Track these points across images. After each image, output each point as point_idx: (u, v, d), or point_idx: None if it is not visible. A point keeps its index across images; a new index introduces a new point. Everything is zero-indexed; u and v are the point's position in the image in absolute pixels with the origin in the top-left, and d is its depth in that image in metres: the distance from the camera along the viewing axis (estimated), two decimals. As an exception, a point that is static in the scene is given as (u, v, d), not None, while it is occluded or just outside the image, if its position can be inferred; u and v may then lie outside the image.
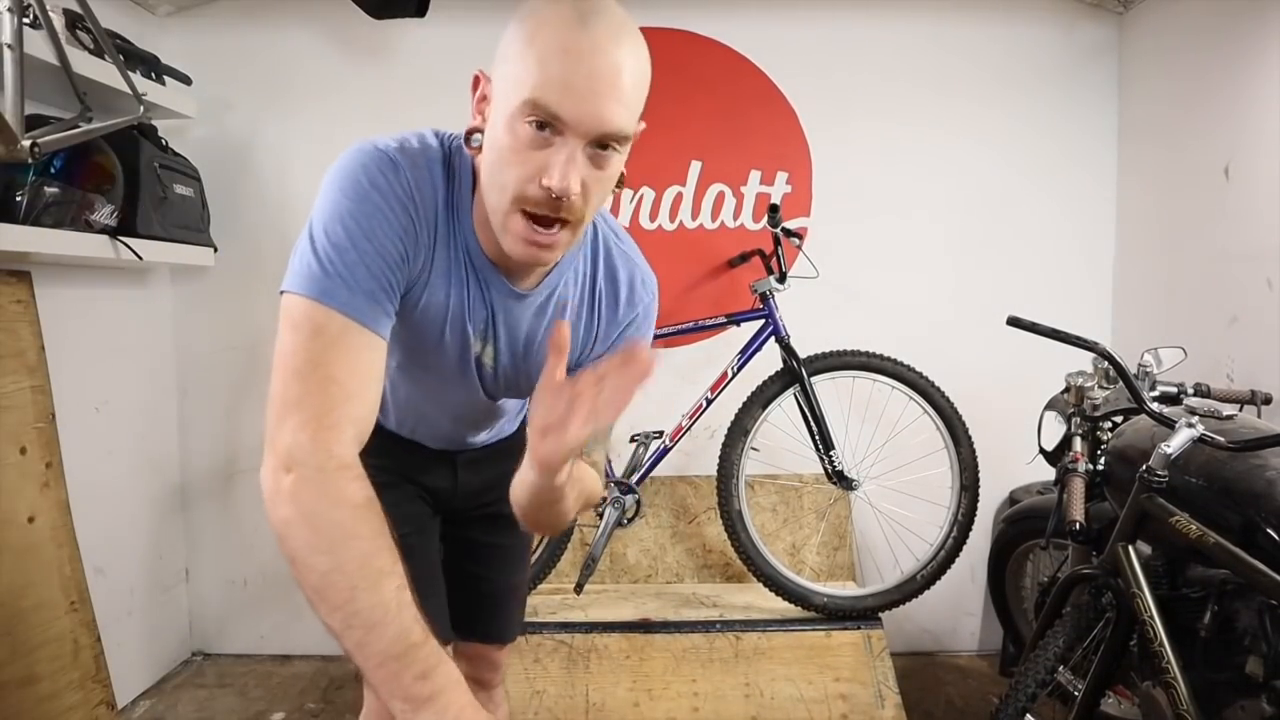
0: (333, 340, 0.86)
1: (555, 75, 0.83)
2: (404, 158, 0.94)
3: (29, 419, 1.98)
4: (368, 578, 0.80)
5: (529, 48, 0.85)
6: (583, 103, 0.84)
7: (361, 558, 0.81)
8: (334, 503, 0.82)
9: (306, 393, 0.84)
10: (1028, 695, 1.51)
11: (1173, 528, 1.39)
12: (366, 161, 0.92)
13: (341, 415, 0.85)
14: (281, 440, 0.83)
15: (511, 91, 0.86)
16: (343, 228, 0.89)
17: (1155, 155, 2.55)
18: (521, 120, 0.85)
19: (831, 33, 2.70)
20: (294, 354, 0.85)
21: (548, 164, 0.85)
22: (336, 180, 0.92)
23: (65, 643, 1.99)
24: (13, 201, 1.86)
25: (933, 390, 2.31)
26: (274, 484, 0.82)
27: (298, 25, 2.71)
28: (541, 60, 0.84)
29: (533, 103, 0.84)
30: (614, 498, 2.32)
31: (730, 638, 2.26)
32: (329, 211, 0.90)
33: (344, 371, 0.86)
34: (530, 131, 0.85)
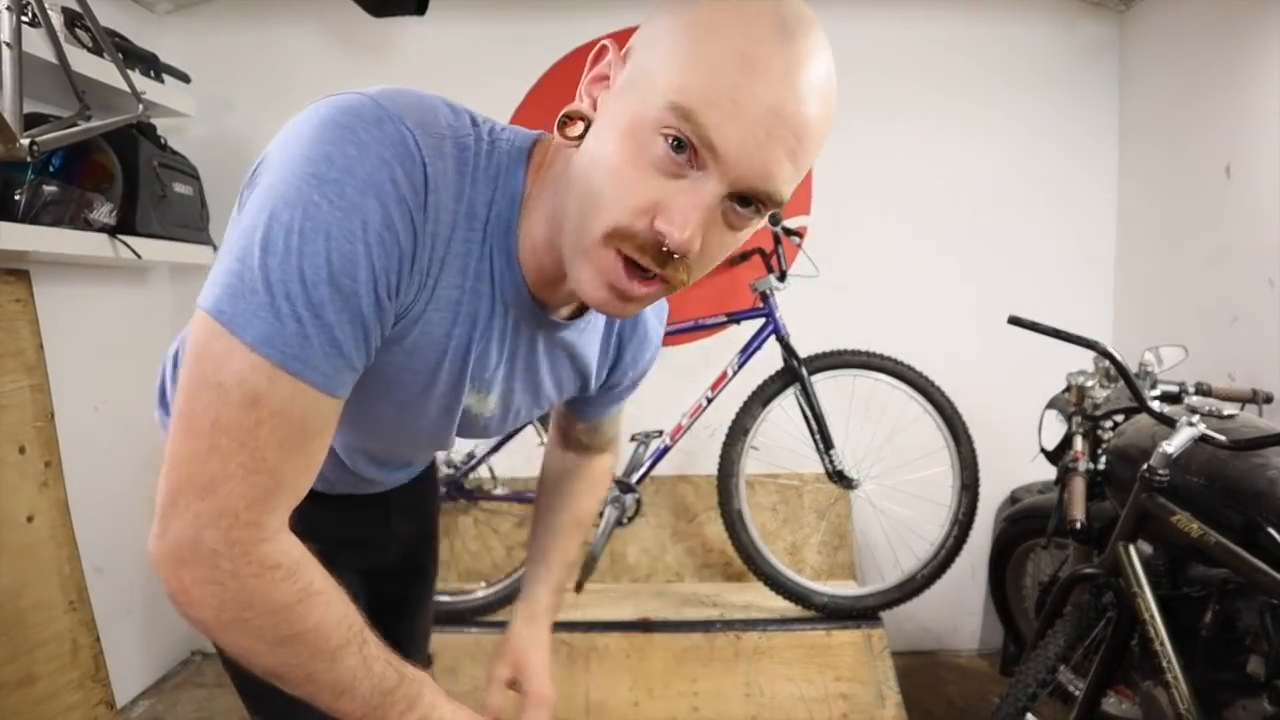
0: (274, 412, 0.62)
1: (726, 88, 0.60)
2: (426, 141, 0.66)
3: (28, 418, 1.97)
4: (322, 660, 0.70)
5: (697, 38, 0.62)
6: (751, 139, 0.61)
7: (310, 649, 0.69)
8: (260, 612, 0.65)
9: (225, 475, 0.62)
10: (1028, 695, 1.51)
11: (1174, 527, 1.38)
12: (368, 138, 0.64)
13: (268, 506, 0.64)
14: (177, 529, 0.63)
15: (653, 88, 0.63)
16: (321, 243, 0.60)
17: (1156, 154, 2.55)
18: (656, 131, 0.62)
19: (832, 31, 2.63)
20: (216, 418, 0.61)
21: (672, 202, 0.62)
22: (317, 154, 0.62)
23: (64, 642, 1.99)
24: (11, 200, 1.85)
25: (933, 389, 2.30)
26: (174, 580, 0.65)
27: (297, 23, 2.71)
28: (711, 60, 0.61)
29: (683, 112, 0.61)
30: (614, 497, 2.32)
31: (730, 637, 2.26)
32: (296, 208, 0.60)
33: (280, 454, 0.63)
34: (664, 150, 0.62)
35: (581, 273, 0.67)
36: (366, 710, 0.73)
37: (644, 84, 0.64)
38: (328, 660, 0.70)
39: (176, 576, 0.65)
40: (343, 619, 0.71)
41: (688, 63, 0.61)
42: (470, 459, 2.34)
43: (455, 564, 2.64)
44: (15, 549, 1.89)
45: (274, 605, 0.66)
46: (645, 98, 0.63)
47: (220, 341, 0.60)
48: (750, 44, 0.61)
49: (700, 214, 0.62)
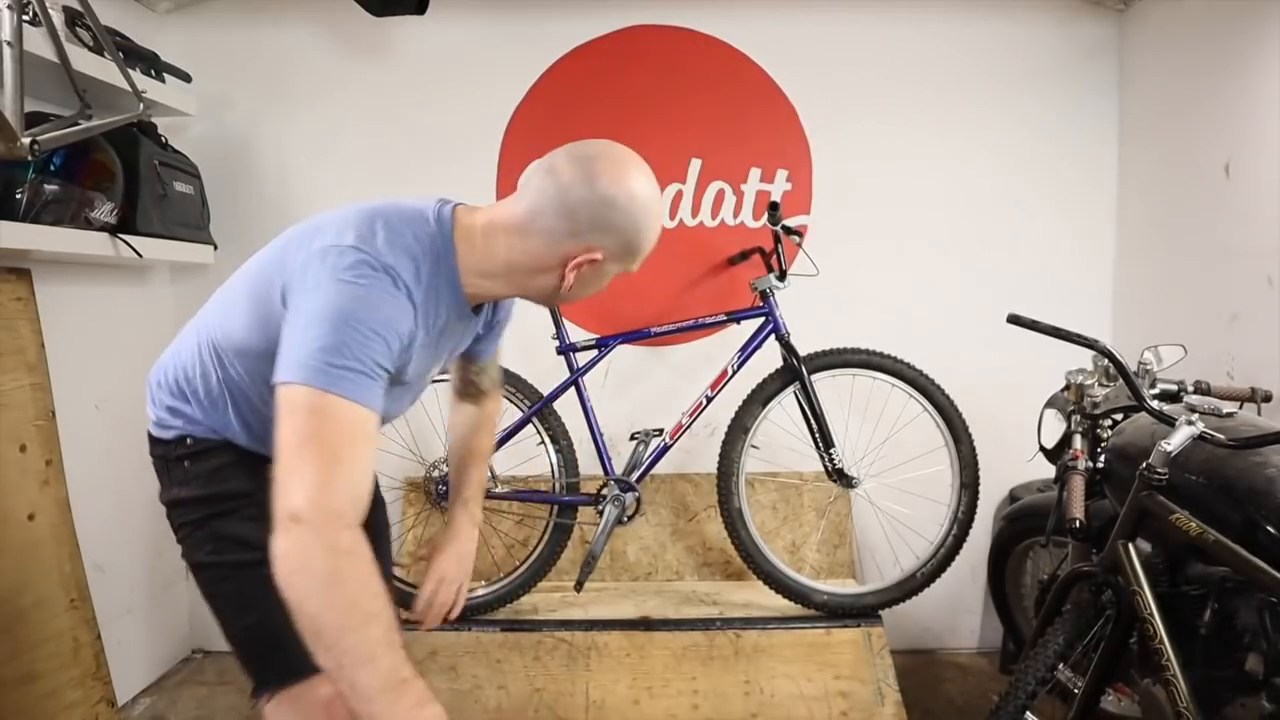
0: (349, 423, 1.00)
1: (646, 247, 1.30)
2: (403, 265, 1.10)
3: (29, 416, 1.98)
4: (354, 618, 0.93)
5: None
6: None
7: (348, 601, 0.93)
8: (325, 549, 0.93)
9: (307, 463, 0.97)
10: (1027, 693, 1.51)
11: (1173, 525, 1.39)
12: (371, 284, 1.06)
13: (336, 475, 0.98)
14: (290, 501, 0.95)
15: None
16: (352, 329, 1.02)
17: (1155, 153, 2.55)
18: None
19: (832, 31, 2.70)
20: (317, 430, 0.98)
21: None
22: (348, 296, 1.04)
23: (65, 640, 1.99)
24: (12, 199, 1.86)
25: (933, 388, 2.31)
26: (283, 540, 0.94)
27: (298, 22, 2.71)
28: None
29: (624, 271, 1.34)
30: (614, 495, 2.32)
31: (730, 635, 2.26)
32: (339, 316, 1.02)
33: (343, 445, 1.00)
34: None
35: (540, 305, 1.36)
36: (384, 688, 0.93)
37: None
38: (360, 620, 0.93)
39: (286, 536, 0.94)
40: (379, 593, 0.96)
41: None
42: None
43: (455, 562, 2.65)
44: (16, 547, 1.89)
45: (335, 546, 0.94)
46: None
47: (303, 392, 1.00)
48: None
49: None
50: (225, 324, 1.23)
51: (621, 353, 2.58)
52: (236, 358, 1.22)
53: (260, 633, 1.23)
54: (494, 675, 2.24)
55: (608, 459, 2.37)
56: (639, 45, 2.71)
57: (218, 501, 1.30)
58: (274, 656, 1.23)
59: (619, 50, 2.71)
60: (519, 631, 2.29)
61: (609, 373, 2.73)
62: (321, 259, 1.07)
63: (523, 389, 2.35)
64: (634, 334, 2.40)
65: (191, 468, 1.31)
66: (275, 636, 1.11)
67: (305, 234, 1.15)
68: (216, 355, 1.24)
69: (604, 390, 2.71)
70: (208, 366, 1.26)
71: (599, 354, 2.38)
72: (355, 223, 1.12)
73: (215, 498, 1.30)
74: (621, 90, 2.70)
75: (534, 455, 2.41)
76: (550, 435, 2.36)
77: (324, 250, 1.08)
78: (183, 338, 1.32)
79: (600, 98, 2.70)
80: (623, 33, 2.71)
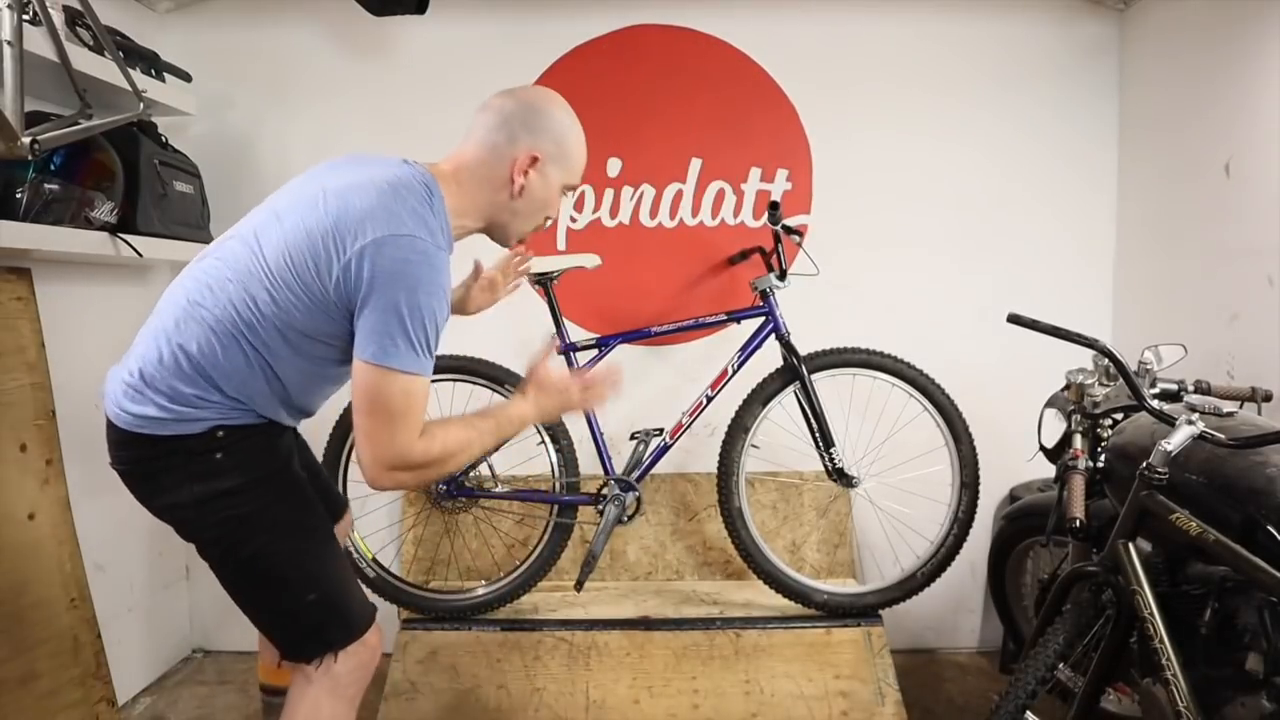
0: (416, 392, 1.30)
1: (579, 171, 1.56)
2: (439, 240, 1.33)
3: (29, 416, 1.98)
4: (468, 453, 1.42)
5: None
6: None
7: (458, 455, 1.40)
8: (428, 454, 1.34)
9: (400, 430, 1.30)
10: (1028, 692, 1.51)
11: (1173, 525, 1.39)
12: (435, 264, 1.30)
13: (414, 436, 1.32)
14: (385, 456, 1.29)
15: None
16: (427, 317, 1.28)
17: (1156, 152, 2.55)
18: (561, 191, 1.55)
19: (833, 30, 2.70)
20: (396, 401, 1.28)
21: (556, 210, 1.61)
22: (422, 280, 1.27)
23: (65, 640, 1.99)
24: (13, 198, 1.86)
25: (933, 387, 2.31)
26: (388, 479, 1.32)
27: (298, 22, 2.71)
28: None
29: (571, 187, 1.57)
30: (614, 495, 2.32)
31: (730, 635, 2.26)
32: (419, 307, 1.26)
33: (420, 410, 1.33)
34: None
35: (512, 243, 1.58)
36: (489, 445, 1.48)
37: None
38: (469, 452, 1.43)
39: (392, 476, 1.32)
40: (462, 429, 1.41)
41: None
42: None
43: (456, 562, 2.65)
44: (16, 547, 1.89)
45: (429, 454, 1.34)
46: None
47: (388, 374, 1.27)
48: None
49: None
50: (259, 304, 1.31)
51: (622, 352, 2.58)
52: (284, 330, 1.32)
53: (324, 603, 1.40)
54: (494, 675, 2.24)
55: (608, 458, 2.37)
56: (639, 45, 2.71)
57: (264, 485, 1.38)
58: (336, 621, 1.41)
59: (619, 50, 2.71)
60: (519, 631, 2.29)
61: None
62: (380, 250, 1.25)
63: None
64: (634, 333, 2.40)
65: (225, 459, 1.34)
66: (336, 603, 1.41)
67: (327, 228, 1.27)
68: (244, 331, 1.31)
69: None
70: (232, 345, 1.31)
71: (599, 353, 2.38)
72: (390, 206, 1.28)
73: (260, 481, 1.38)
74: (622, 90, 2.70)
75: (534, 455, 2.41)
76: (550, 435, 2.36)
77: (379, 242, 1.25)
78: (199, 322, 1.32)
79: (600, 97, 2.70)
80: (623, 32, 2.71)
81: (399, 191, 1.30)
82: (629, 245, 2.73)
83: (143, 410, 1.33)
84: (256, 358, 1.33)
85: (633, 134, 2.71)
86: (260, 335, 1.32)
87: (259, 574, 1.38)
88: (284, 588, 1.39)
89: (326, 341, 1.35)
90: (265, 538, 1.36)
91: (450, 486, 2.35)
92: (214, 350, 1.31)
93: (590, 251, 2.42)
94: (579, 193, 2.72)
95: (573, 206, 2.73)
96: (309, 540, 1.41)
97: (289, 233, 1.30)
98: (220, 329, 1.31)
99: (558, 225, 2.73)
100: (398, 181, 1.32)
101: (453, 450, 1.36)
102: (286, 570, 1.39)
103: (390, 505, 2.70)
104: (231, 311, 1.31)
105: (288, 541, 1.38)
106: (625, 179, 2.72)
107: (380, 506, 2.64)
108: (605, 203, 2.73)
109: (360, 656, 1.43)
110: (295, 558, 1.39)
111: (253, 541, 1.36)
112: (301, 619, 1.39)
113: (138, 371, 1.34)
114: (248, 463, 1.36)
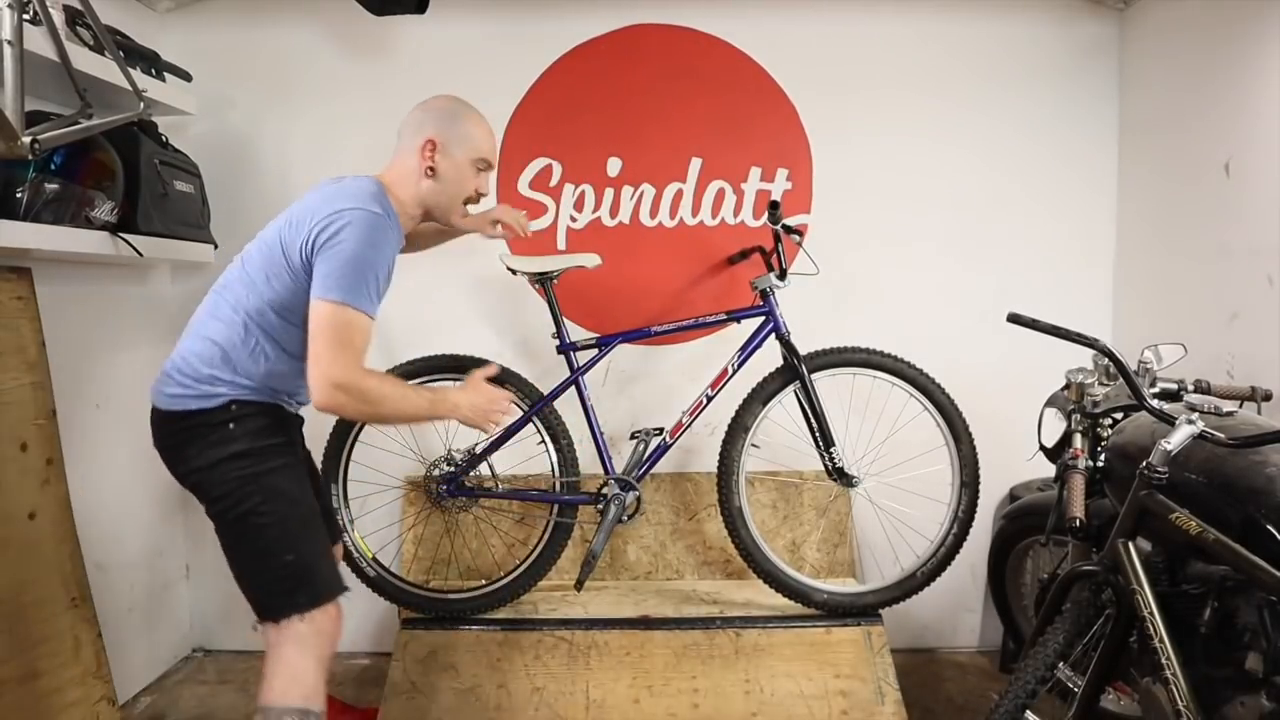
0: (361, 328, 1.57)
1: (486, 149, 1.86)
2: (388, 217, 1.64)
3: (29, 415, 1.98)
4: (391, 405, 1.62)
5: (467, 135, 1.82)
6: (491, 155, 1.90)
7: (389, 412, 1.64)
8: (368, 386, 1.57)
9: (347, 357, 1.55)
10: (1027, 692, 1.51)
11: (1173, 524, 1.39)
12: (378, 226, 1.60)
13: (359, 364, 1.57)
14: (334, 377, 1.52)
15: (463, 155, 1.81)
16: (371, 266, 1.57)
17: (1156, 151, 2.55)
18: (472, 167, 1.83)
19: (833, 30, 2.70)
20: (342, 331, 1.55)
21: (481, 185, 1.87)
22: (366, 236, 1.57)
23: (66, 639, 1.99)
24: (13, 198, 1.86)
25: (933, 387, 2.31)
26: (330, 396, 1.53)
27: (298, 22, 2.71)
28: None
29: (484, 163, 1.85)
30: (614, 494, 2.32)
31: (730, 634, 2.27)
32: (365, 258, 1.56)
33: (363, 344, 1.59)
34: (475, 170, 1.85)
35: (455, 219, 1.88)
36: (420, 410, 1.70)
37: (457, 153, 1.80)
38: (393, 411, 1.64)
39: (333, 396, 1.53)
40: (401, 385, 1.69)
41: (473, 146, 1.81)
42: (471, 457, 2.35)
43: (456, 561, 2.65)
44: (17, 546, 1.89)
45: (371, 381, 1.59)
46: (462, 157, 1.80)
47: (338, 309, 1.55)
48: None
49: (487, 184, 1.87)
50: (255, 291, 1.64)
51: (622, 352, 2.58)
52: (272, 313, 1.64)
53: (297, 566, 1.62)
54: (494, 674, 2.25)
55: (608, 458, 2.37)
56: (639, 44, 2.71)
57: (267, 453, 1.64)
58: (307, 586, 1.61)
59: (619, 49, 2.71)
60: (519, 630, 2.29)
61: (609, 372, 2.73)
62: (333, 218, 1.58)
63: (523, 388, 2.35)
64: (634, 333, 2.40)
65: (237, 428, 1.63)
66: (308, 569, 1.62)
67: (299, 217, 1.64)
68: (252, 318, 1.64)
69: (604, 389, 2.72)
70: (248, 332, 1.64)
71: (599, 353, 2.38)
72: (340, 192, 1.64)
73: (265, 450, 1.64)
74: (622, 89, 2.70)
75: (534, 454, 2.41)
76: (550, 434, 2.36)
77: (332, 214, 1.58)
78: (216, 319, 1.67)
79: (600, 97, 2.70)
80: (623, 31, 2.71)
81: (347, 185, 1.67)
82: (629, 245, 2.73)
83: (174, 391, 1.63)
84: (259, 340, 1.65)
85: (633, 133, 2.71)
86: (267, 319, 1.64)
87: (250, 530, 1.61)
88: (266, 546, 1.61)
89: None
90: (259, 499, 1.60)
91: (450, 486, 2.35)
92: (230, 337, 1.63)
93: (590, 251, 2.42)
94: (579, 191, 2.72)
95: (573, 206, 2.73)
96: (295, 509, 1.65)
97: (274, 228, 1.70)
98: (236, 317, 1.64)
99: (558, 225, 2.73)
100: (346, 180, 1.70)
101: (388, 394, 1.60)
102: (271, 530, 1.61)
103: (391, 505, 2.70)
104: (244, 299, 1.65)
105: (277, 506, 1.62)
106: (625, 178, 2.72)
107: (381, 506, 2.64)
108: (605, 202, 2.73)
109: (322, 623, 1.60)
110: (281, 522, 1.62)
111: (249, 500, 1.60)
112: (277, 578, 1.61)
113: (175, 359, 1.66)
114: (255, 432, 1.64)
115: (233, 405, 1.63)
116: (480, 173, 1.82)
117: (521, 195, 2.72)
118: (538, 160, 2.71)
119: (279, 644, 1.60)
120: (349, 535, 2.34)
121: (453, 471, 2.35)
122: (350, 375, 1.53)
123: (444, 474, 2.35)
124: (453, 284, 2.72)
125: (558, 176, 2.72)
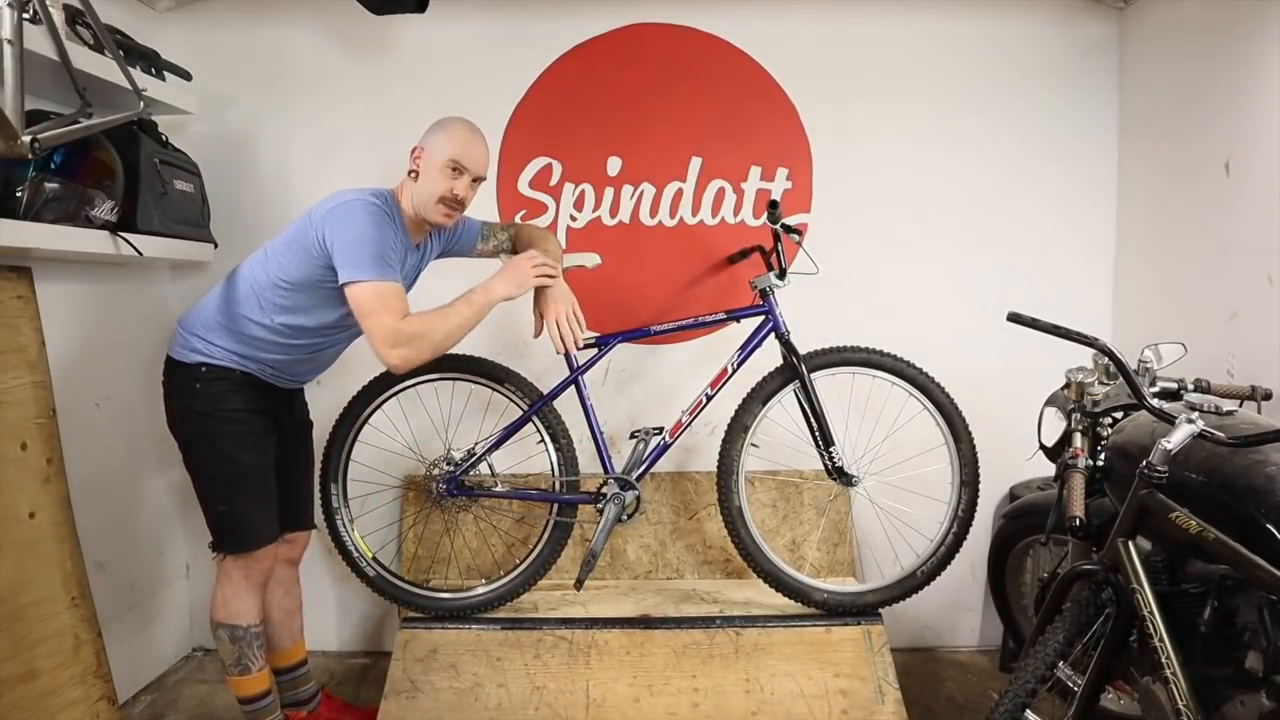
0: (390, 292, 1.83)
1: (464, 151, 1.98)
2: (389, 208, 1.92)
3: (30, 414, 1.98)
4: (443, 330, 1.91)
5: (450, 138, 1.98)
6: (475, 163, 1.98)
7: (444, 333, 1.91)
8: (413, 329, 1.85)
9: (392, 316, 1.83)
10: (1027, 691, 1.51)
11: (1173, 523, 1.39)
12: (377, 210, 1.87)
13: (402, 316, 1.85)
14: (384, 337, 1.82)
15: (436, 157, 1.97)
16: (378, 240, 1.83)
17: (1156, 151, 2.55)
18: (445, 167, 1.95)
19: (832, 29, 2.70)
20: (374, 301, 1.82)
21: (457, 186, 1.96)
22: (367, 219, 1.83)
23: (66, 638, 1.99)
24: (13, 197, 1.86)
25: (933, 386, 2.31)
26: (396, 357, 1.84)
27: (298, 21, 2.71)
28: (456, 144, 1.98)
29: (454, 163, 1.95)
30: (614, 494, 2.32)
31: (730, 633, 2.27)
32: (370, 237, 1.82)
33: (401, 303, 1.87)
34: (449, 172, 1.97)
35: (434, 216, 1.97)
36: (468, 315, 1.96)
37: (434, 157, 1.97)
38: (447, 329, 1.91)
39: (395, 351, 1.83)
40: (434, 311, 1.93)
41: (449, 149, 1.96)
42: (471, 456, 2.35)
43: (456, 561, 2.65)
44: (17, 545, 1.89)
45: (416, 324, 1.87)
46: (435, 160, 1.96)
47: (370, 283, 1.83)
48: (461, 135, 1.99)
49: (466, 188, 1.98)
50: (267, 269, 1.89)
51: (621, 351, 2.58)
52: (279, 288, 1.89)
53: (228, 517, 1.97)
54: (494, 673, 2.25)
55: (608, 457, 2.37)
56: (639, 44, 2.71)
57: (221, 417, 1.92)
58: (233, 534, 1.97)
59: (619, 49, 2.71)
60: (519, 629, 2.29)
61: (609, 371, 2.73)
62: (335, 209, 1.84)
63: (523, 387, 2.35)
64: (634, 332, 2.40)
65: (201, 389, 1.91)
66: (237, 521, 1.96)
67: (315, 207, 1.90)
68: (257, 292, 1.90)
69: (604, 388, 2.72)
70: (249, 304, 1.90)
71: (599, 352, 2.38)
72: (344, 193, 1.88)
73: (220, 414, 1.92)
74: (621, 89, 2.70)
75: (534, 454, 2.41)
76: (550, 433, 2.36)
77: (335, 208, 1.84)
78: (229, 286, 1.96)
79: (600, 96, 2.70)
80: (623, 31, 2.71)
81: (352, 190, 1.90)
82: (629, 244, 2.73)
83: (174, 341, 1.97)
84: (259, 314, 1.90)
85: (633, 133, 2.71)
86: (274, 294, 1.88)
87: (198, 478, 1.97)
88: (208, 494, 1.96)
89: (307, 288, 1.89)
90: (208, 453, 1.93)
91: (450, 485, 2.35)
92: (230, 308, 1.91)
93: (590, 250, 2.42)
94: (579, 191, 2.72)
95: (573, 205, 2.73)
96: (235, 467, 1.93)
97: (288, 229, 1.95)
98: (246, 289, 1.91)
99: (557, 224, 2.73)
100: (353, 189, 1.91)
101: (434, 324, 1.87)
102: (212, 482, 1.95)
103: (390, 505, 2.70)
104: (258, 274, 1.91)
105: (216, 464, 1.93)
106: (625, 178, 2.72)
107: (380, 506, 2.64)
108: (605, 202, 2.73)
109: (248, 564, 1.99)
110: (220, 477, 1.94)
111: (200, 453, 1.95)
112: (215, 522, 1.98)
113: (185, 314, 2.00)
114: (215, 395, 1.91)
115: (203, 368, 1.91)
116: (454, 175, 1.94)
117: (521, 194, 2.72)
118: (537, 159, 2.71)
119: (220, 572, 2.02)
120: (349, 535, 2.34)
121: (452, 471, 2.35)
122: (393, 333, 1.80)
123: (444, 473, 2.35)
124: (452, 283, 2.71)
125: (557, 176, 2.72)
